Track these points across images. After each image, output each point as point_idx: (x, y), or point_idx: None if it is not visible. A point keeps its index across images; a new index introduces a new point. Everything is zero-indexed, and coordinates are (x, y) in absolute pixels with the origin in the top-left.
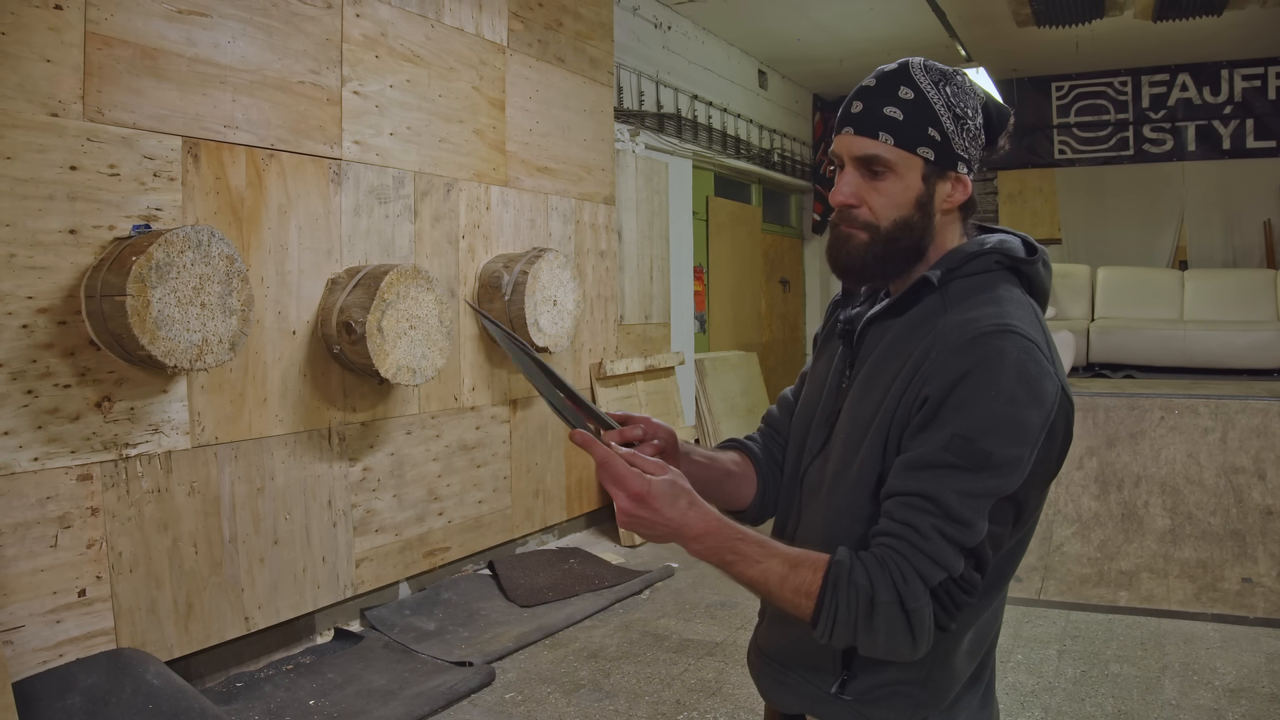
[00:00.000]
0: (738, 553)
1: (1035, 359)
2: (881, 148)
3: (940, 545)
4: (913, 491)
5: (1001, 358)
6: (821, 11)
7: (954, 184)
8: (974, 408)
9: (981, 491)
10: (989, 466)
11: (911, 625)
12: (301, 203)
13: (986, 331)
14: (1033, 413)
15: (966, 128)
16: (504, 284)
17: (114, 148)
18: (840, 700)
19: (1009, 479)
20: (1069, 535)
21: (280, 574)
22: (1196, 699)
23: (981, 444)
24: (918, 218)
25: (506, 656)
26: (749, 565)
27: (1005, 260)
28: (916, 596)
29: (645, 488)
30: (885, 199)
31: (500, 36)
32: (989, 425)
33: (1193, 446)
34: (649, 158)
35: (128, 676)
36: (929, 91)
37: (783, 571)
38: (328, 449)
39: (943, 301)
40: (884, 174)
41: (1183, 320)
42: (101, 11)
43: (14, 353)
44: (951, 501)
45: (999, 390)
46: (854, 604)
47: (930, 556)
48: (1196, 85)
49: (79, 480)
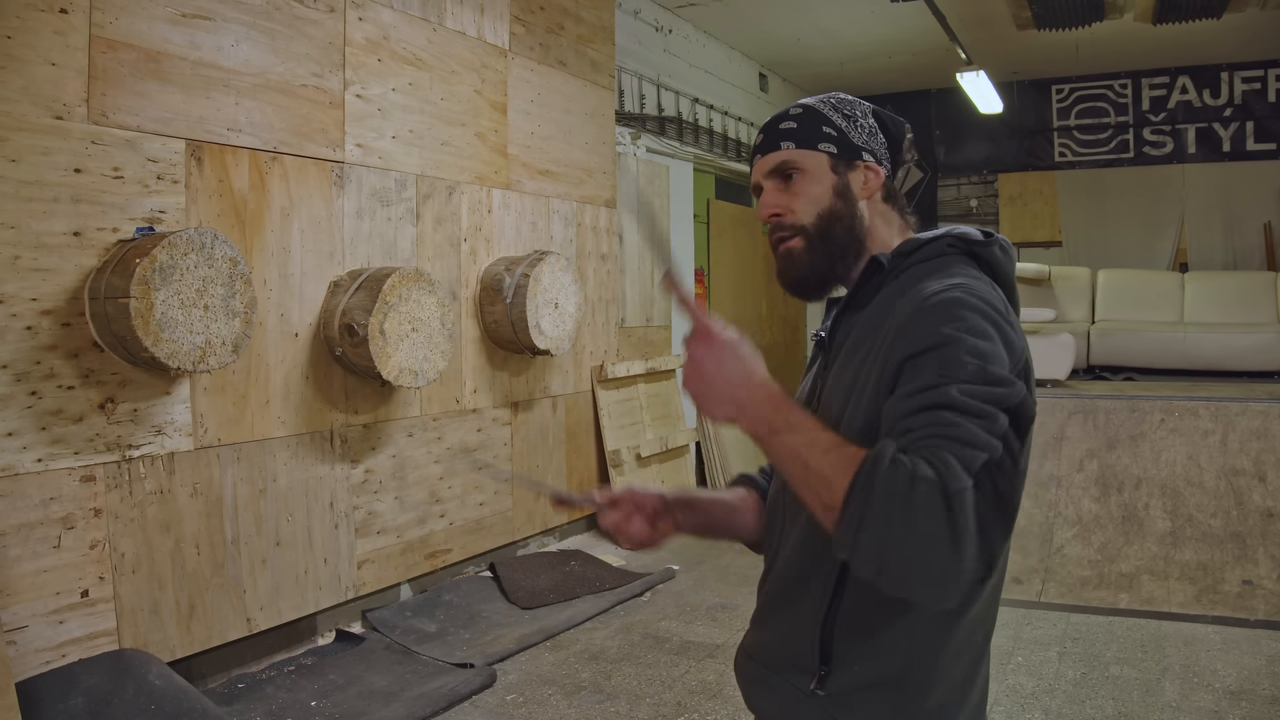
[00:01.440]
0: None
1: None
2: (785, 154)
3: (970, 428)
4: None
5: (960, 305)
6: (822, 15)
7: (865, 171)
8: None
9: (989, 398)
10: (987, 378)
11: (953, 513)
12: (304, 205)
13: (939, 291)
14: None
15: (860, 125)
16: (506, 287)
17: (118, 150)
18: (815, 698)
19: (1010, 391)
20: (1069, 537)
21: (282, 575)
22: (1197, 701)
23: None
24: (840, 206)
25: (508, 658)
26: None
27: (959, 244)
28: (958, 476)
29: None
30: (803, 198)
31: (502, 40)
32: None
33: (1193, 449)
34: (650, 161)
35: (130, 677)
36: (815, 104)
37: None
38: (330, 451)
39: (900, 286)
40: (795, 176)
41: (1183, 322)
42: (106, 15)
43: (18, 354)
44: (963, 400)
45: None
46: (894, 483)
47: (964, 441)
48: (1196, 88)
49: (82, 481)
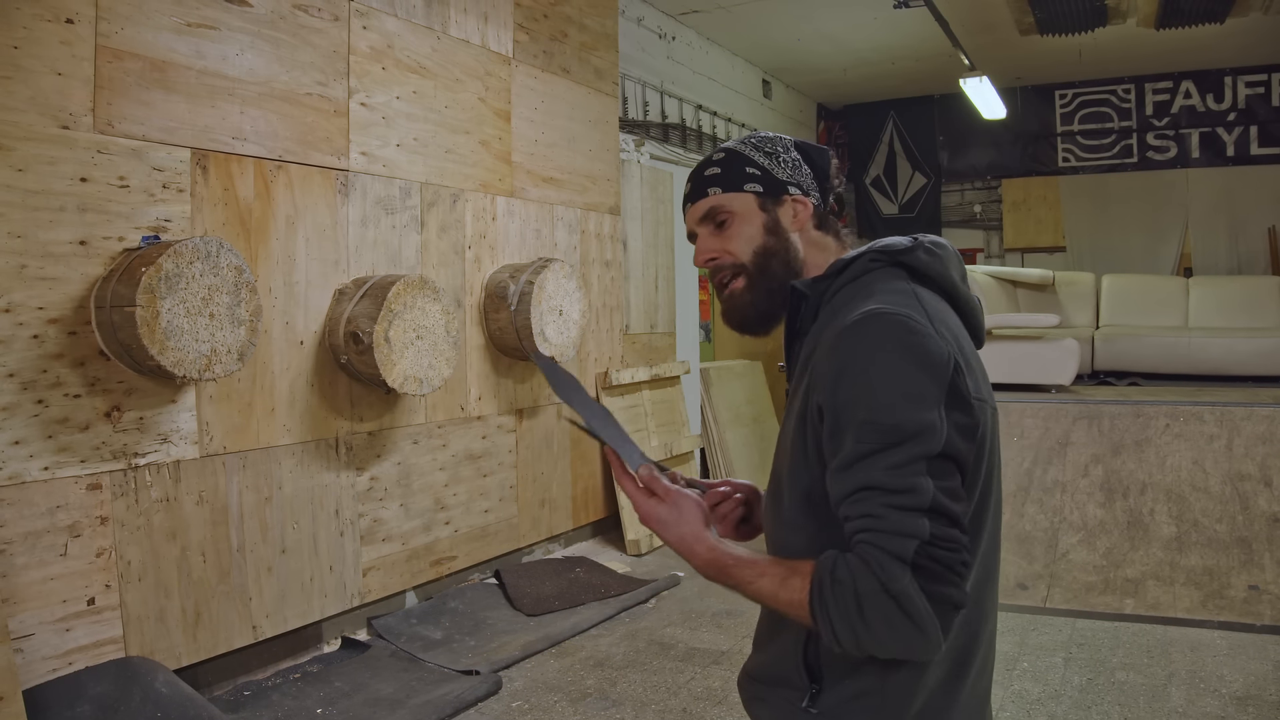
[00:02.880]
0: (734, 579)
1: (907, 328)
2: (713, 199)
3: (896, 518)
4: (852, 489)
5: (869, 340)
6: (825, 21)
7: (793, 205)
8: (864, 395)
9: (908, 459)
10: (905, 437)
11: (904, 609)
12: (309, 214)
13: (850, 324)
14: (923, 377)
15: (781, 160)
16: (510, 294)
17: (123, 160)
18: (809, 714)
19: (930, 441)
20: (1075, 543)
21: (288, 583)
22: (1203, 707)
23: (886, 421)
24: (773, 241)
25: (513, 665)
26: (747, 588)
27: (882, 257)
28: (896, 577)
29: (647, 509)
30: (737, 239)
31: (506, 48)
32: (885, 402)
33: (1198, 454)
34: (654, 167)
35: (136, 685)
36: (736, 146)
37: (774, 588)
38: (335, 458)
39: (832, 309)
40: (727, 220)
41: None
42: (112, 25)
43: (25, 363)
44: (886, 479)
45: (878, 370)
46: (842, 602)
47: (891, 532)
48: (1200, 92)
49: (88, 489)
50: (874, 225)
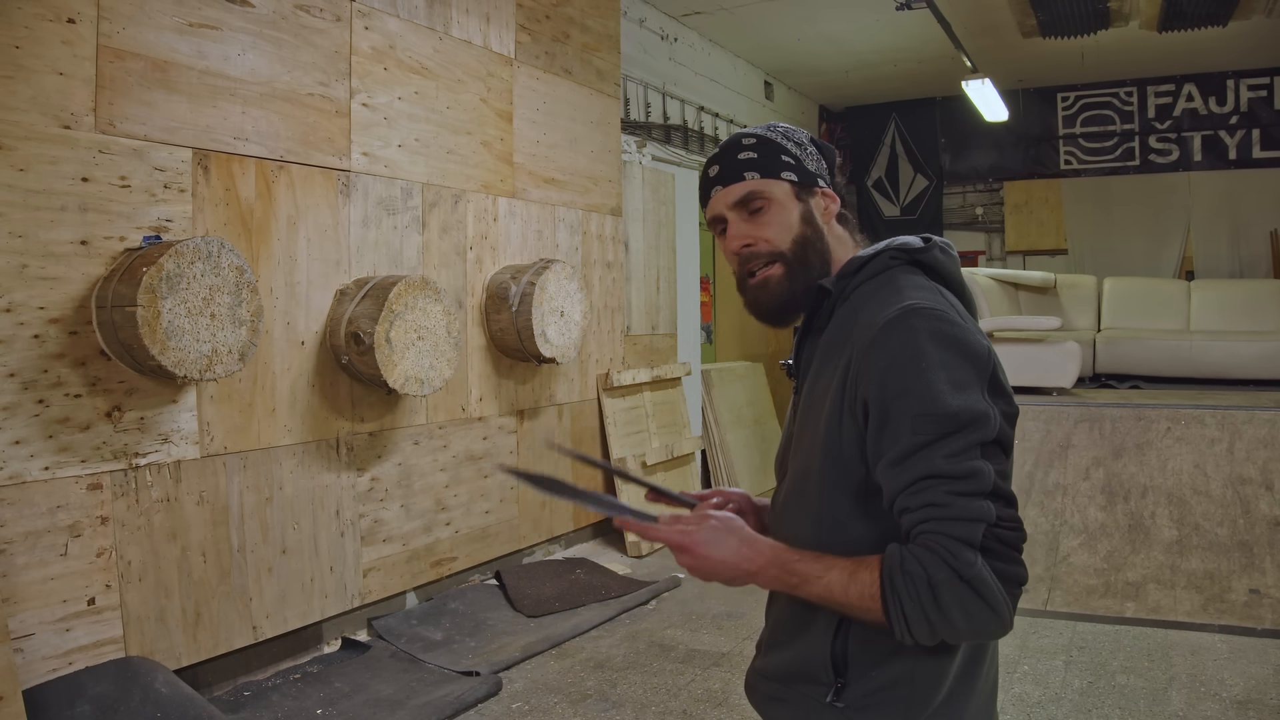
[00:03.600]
0: (799, 574)
1: (947, 322)
2: (751, 184)
3: (962, 503)
4: (911, 480)
5: (914, 334)
6: (828, 23)
7: (824, 197)
8: (916, 387)
9: (966, 446)
10: (961, 425)
11: (980, 593)
12: (310, 214)
13: (891, 318)
14: (969, 367)
15: (809, 152)
16: (511, 295)
17: (125, 159)
18: (834, 709)
19: (985, 428)
20: (1076, 546)
21: (288, 583)
22: (1204, 710)
23: (942, 411)
24: (811, 232)
25: (513, 666)
26: (813, 584)
27: (901, 255)
28: (969, 563)
29: (685, 539)
30: (775, 227)
31: (508, 49)
32: (938, 393)
33: (1200, 457)
34: (656, 169)
35: (136, 685)
36: (766, 134)
37: (844, 581)
38: (336, 459)
39: (852, 307)
40: (763, 207)
41: (1189, 331)
42: (114, 25)
43: (26, 363)
44: (947, 467)
45: (928, 362)
46: (915, 593)
47: (959, 518)
48: (1202, 95)
49: (89, 489)
50: (875, 227)
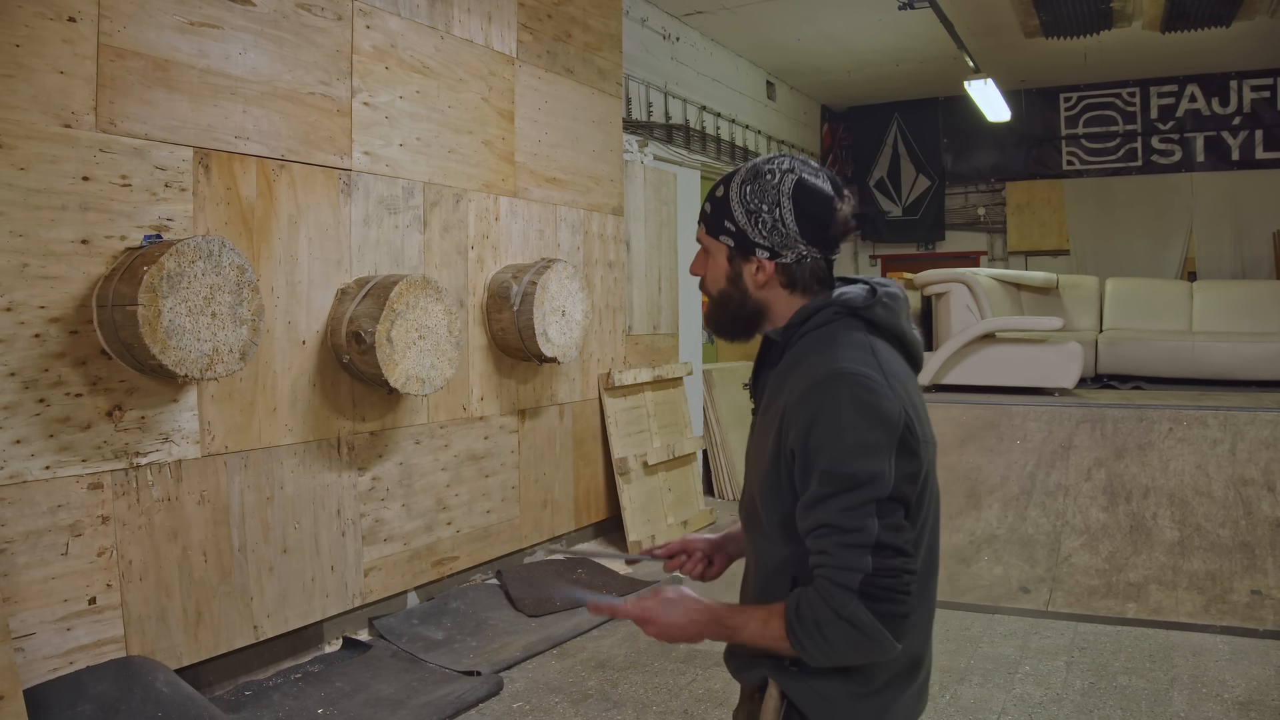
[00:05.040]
0: (730, 627)
1: (867, 388)
2: (702, 236)
3: (844, 554)
4: (813, 526)
5: (837, 398)
6: (830, 22)
7: (757, 266)
8: (829, 445)
9: (859, 503)
10: (858, 484)
11: (858, 628)
12: (311, 213)
13: (818, 381)
14: (878, 432)
15: (761, 220)
16: (513, 294)
17: (126, 158)
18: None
19: (878, 487)
20: (1077, 547)
21: (289, 583)
22: (1205, 712)
23: (844, 470)
24: (732, 291)
25: (514, 666)
26: (741, 634)
27: (843, 309)
28: (844, 604)
29: (647, 613)
30: (710, 274)
31: (509, 48)
32: (845, 454)
33: (1201, 458)
34: (657, 168)
35: (137, 684)
36: (732, 190)
37: (761, 629)
38: (337, 458)
39: (798, 355)
40: (709, 254)
41: (1191, 332)
42: (115, 24)
43: (26, 362)
44: (839, 519)
45: (842, 425)
46: (810, 635)
47: (840, 567)
48: (1205, 96)
49: (90, 489)
50: (878, 227)
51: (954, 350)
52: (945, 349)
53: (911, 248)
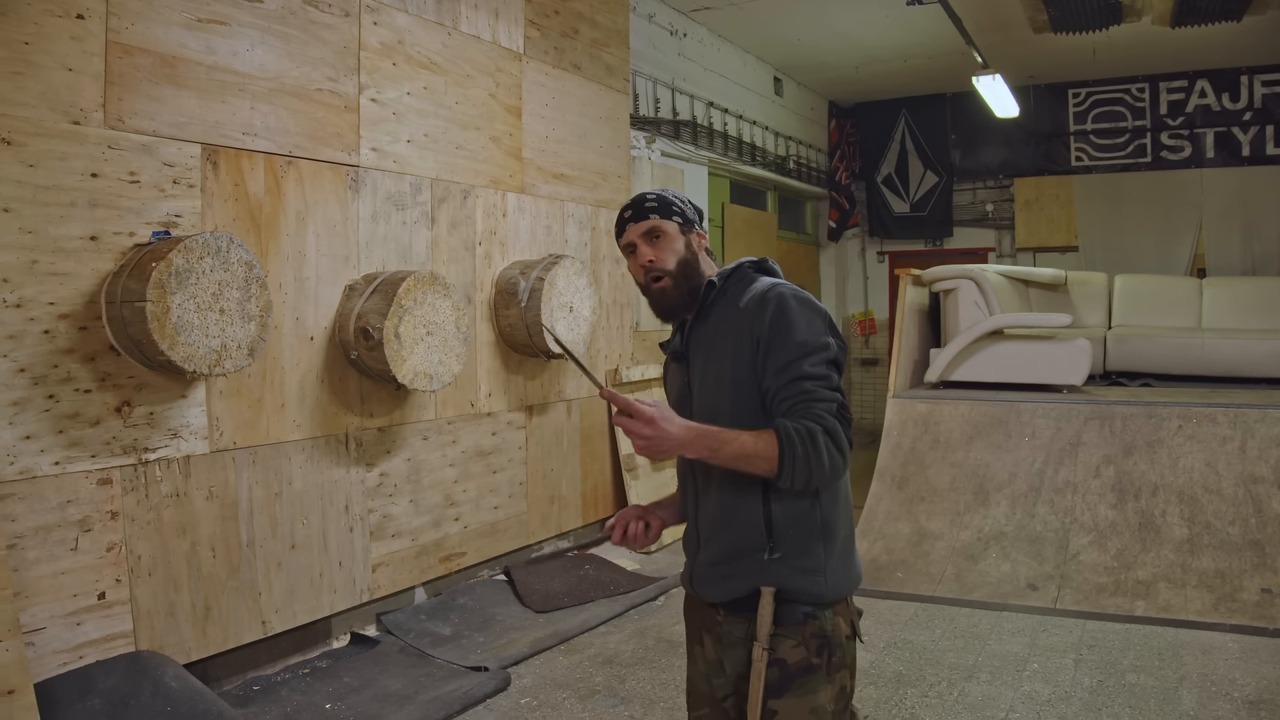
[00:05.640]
0: (722, 440)
1: (803, 294)
2: (654, 221)
3: (822, 392)
4: (788, 379)
5: (784, 299)
6: (837, 18)
7: (696, 236)
8: (793, 326)
9: (823, 360)
10: (819, 348)
11: (836, 441)
12: (319, 209)
13: (766, 295)
14: (818, 319)
15: (688, 210)
16: (521, 291)
17: (134, 155)
18: (774, 560)
19: (830, 351)
20: (1085, 544)
21: (297, 578)
22: (1215, 711)
23: (809, 339)
24: (688, 256)
25: (522, 662)
26: (731, 444)
27: (751, 267)
28: (834, 426)
29: (655, 412)
30: (667, 251)
31: (517, 44)
32: (806, 330)
33: (1211, 455)
34: (665, 164)
35: (146, 679)
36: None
37: (753, 440)
38: (345, 454)
39: (727, 300)
40: (660, 237)
41: (1201, 328)
42: (122, 21)
43: (36, 358)
44: (813, 370)
45: (796, 314)
46: (802, 442)
47: (823, 400)
48: (1215, 91)
49: (99, 484)
50: (885, 224)
51: (962, 347)
52: (953, 345)
53: (919, 244)
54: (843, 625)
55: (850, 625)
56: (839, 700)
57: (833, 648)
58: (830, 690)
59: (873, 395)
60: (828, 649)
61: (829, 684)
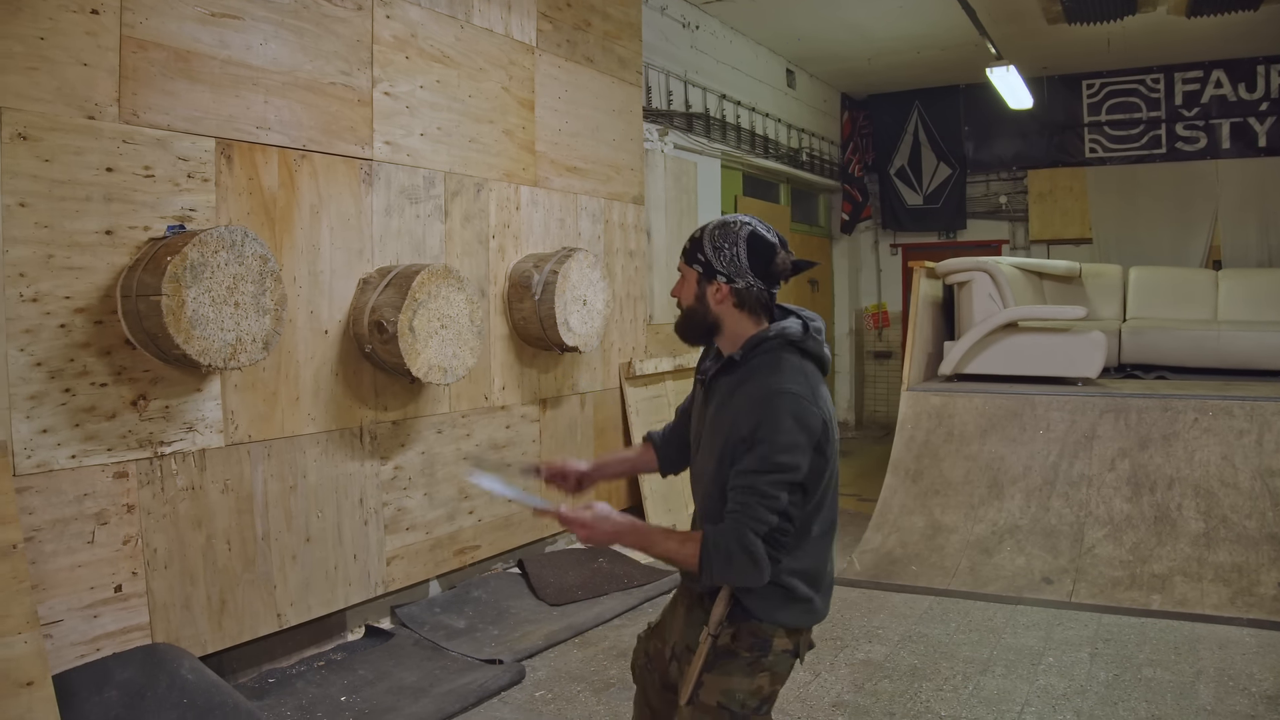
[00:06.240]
0: (650, 541)
1: (799, 405)
2: (681, 265)
3: (761, 512)
4: (743, 486)
5: (777, 409)
6: (850, 10)
7: (717, 288)
8: (769, 439)
9: (780, 482)
10: (783, 469)
11: (755, 560)
12: (333, 203)
13: (765, 396)
14: (802, 437)
15: (724, 255)
16: (534, 284)
17: (149, 149)
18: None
19: (795, 474)
20: (1100, 537)
21: (312, 571)
22: (1233, 705)
23: (777, 459)
24: (698, 306)
25: (536, 655)
26: (657, 547)
27: (784, 340)
28: (753, 543)
29: (591, 516)
30: (685, 292)
31: (529, 37)
32: (779, 448)
33: (1227, 449)
34: (678, 157)
35: (163, 671)
36: (705, 233)
37: (678, 547)
38: (359, 447)
39: (749, 370)
40: (683, 277)
41: (1216, 320)
42: (137, 15)
43: (52, 352)
44: (764, 488)
45: (780, 428)
46: (719, 557)
47: (756, 519)
48: (1231, 82)
49: (115, 477)
50: (898, 216)
51: (976, 339)
52: (967, 338)
53: (932, 236)
54: (785, 640)
55: (795, 645)
56: (754, 697)
57: (764, 650)
58: (747, 682)
59: (885, 388)
60: (759, 648)
61: (748, 676)
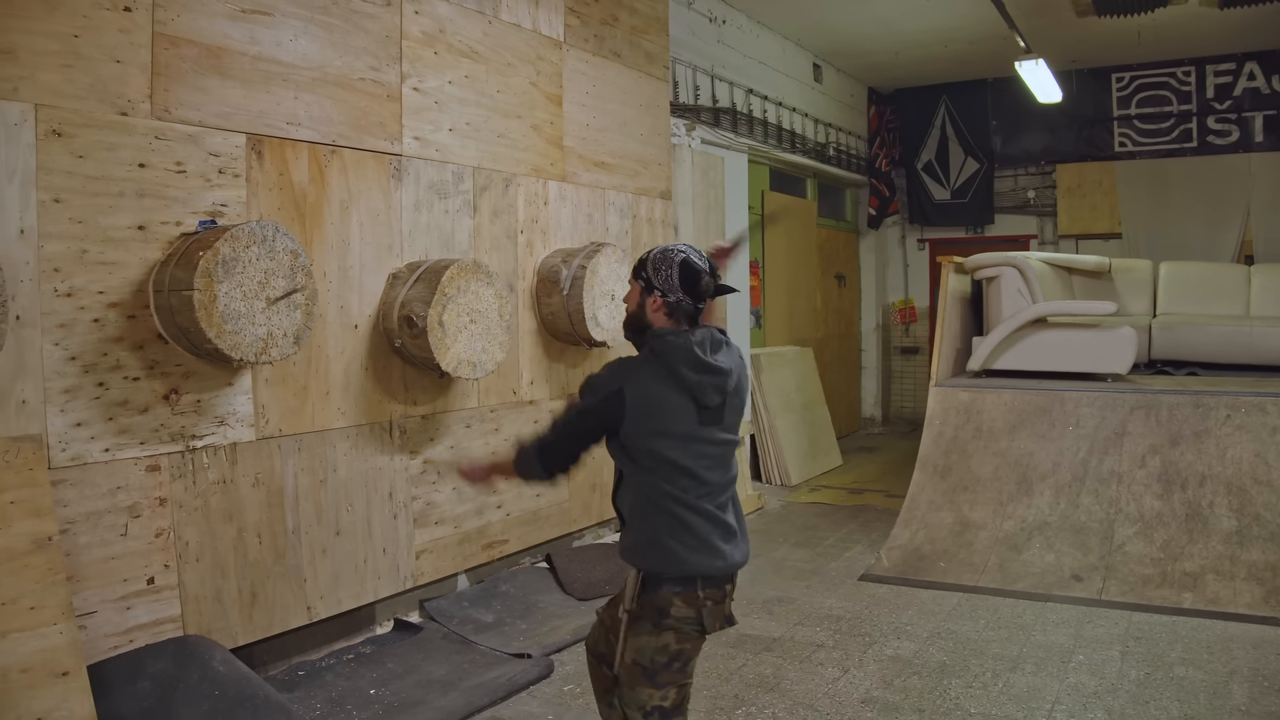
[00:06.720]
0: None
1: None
2: (630, 279)
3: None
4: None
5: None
6: (877, 3)
7: (654, 300)
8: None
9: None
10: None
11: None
12: (363, 198)
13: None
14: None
15: (661, 274)
16: (563, 279)
17: (180, 145)
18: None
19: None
20: (1131, 535)
21: (342, 565)
22: (1267, 705)
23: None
24: (639, 312)
25: (564, 649)
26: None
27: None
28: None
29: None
30: (630, 300)
31: (557, 32)
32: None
33: (1261, 446)
34: (705, 152)
35: (195, 663)
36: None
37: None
38: (389, 441)
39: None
40: (632, 290)
41: (1249, 316)
42: (168, 12)
43: (86, 346)
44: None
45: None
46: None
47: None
48: (1265, 74)
49: (148, 471)
50: (925, 211)
51: (1005, 335)
52: (996, 334)
53: (960, 231)
54: (683, 606)
55: (696, 610)
56: (662, 653)
57: (663, 615)
58: (653, 640)
59: (913, 384)
60: (658, 614)
61: (654, 635)
